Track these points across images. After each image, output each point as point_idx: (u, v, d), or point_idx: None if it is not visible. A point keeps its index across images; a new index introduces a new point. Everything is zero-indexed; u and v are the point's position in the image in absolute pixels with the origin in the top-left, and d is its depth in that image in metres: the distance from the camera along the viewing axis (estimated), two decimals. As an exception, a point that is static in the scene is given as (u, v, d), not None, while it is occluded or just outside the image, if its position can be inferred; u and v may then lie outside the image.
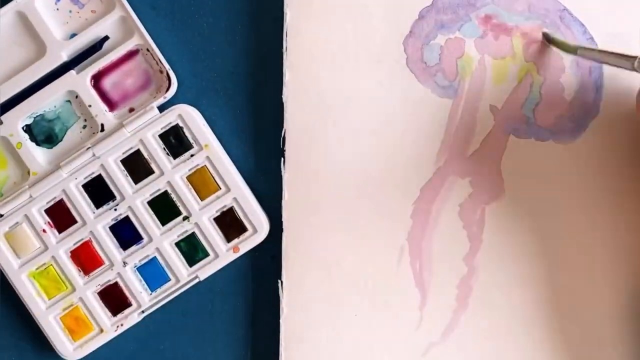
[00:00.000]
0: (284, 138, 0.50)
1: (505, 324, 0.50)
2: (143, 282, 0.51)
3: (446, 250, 0.50)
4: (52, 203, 0.50)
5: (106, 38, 0.50)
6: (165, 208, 0.51)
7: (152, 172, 0.50)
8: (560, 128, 0.48)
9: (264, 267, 0.51)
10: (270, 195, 0.51)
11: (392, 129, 0.49)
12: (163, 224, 0.51)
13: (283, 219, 0.50)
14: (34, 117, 0.50)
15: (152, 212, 0.51)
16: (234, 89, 0.51)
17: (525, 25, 0.48)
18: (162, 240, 0.51)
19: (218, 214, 0.51)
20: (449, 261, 0.50)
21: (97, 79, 0.50)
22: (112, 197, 0.51)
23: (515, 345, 0.50)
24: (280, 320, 0.50)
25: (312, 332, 0.50)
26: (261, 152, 0.51)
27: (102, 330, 0.51)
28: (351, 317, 0.50)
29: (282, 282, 0.50)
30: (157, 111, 0.50)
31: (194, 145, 0.50)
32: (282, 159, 0.50)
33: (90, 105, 0.50)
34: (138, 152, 0.50)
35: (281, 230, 0.50)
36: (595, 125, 0.48)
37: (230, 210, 0.51)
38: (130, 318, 0.51)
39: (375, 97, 0.49)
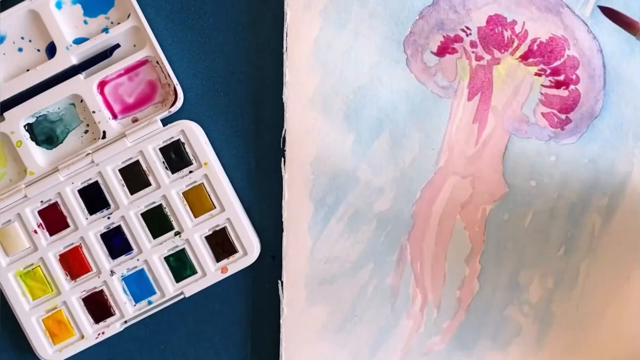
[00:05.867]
0: (284, 138, 0.50)
1: (507, 324, 0.49)
2: (128, 292, 0.50)
3: (447, 251, 0.49)
4: (46, 205, 0.50)
5: (117, 46, 0.51)
6: (158, 221, 0.50)
7: (148, 184, 0.50)
8: (560, 128, 0.49)
9: (264, 267, 0.51)
10: (269, 196, 0.50)
11: (392, 129, 0.50)
12: (154, 237, 0.50)
13: (283, 219, 0.50)
14: (37, 117, 0.51)
15: (144, 224, 0.50)
16: (234, 89, 0.51)
17: (527, 25, 0.49)
18: (151, 254, 0.50)
19: (210, 232, 0.50)
20: (450, 262, 0.49)
21: (103, 86, 0.51)
22: (106, 205, 0.50)
23: (516, 346, 0.49)
24: (281, 320, 0.50)
25: (312, 332, 0.49)
26: (261, 152, 0.51)
27: (82, 337, 0.50)
28: (351, 318, 0.49)
29: (282, 282, 0.50)
30: (160, 124, 0.50)
31: (193, 162, 0.50)
32: (282, 159, 0.50)
33: (94, 111, 0.50)
34: (137, 163, 0.50)
35: (281, 230, 0.50)
36: (595, 125, 0.49)
37: (223, 230, 0.50)
38: (112, 327, 0.50)
39: (375, 97, 0.50)
